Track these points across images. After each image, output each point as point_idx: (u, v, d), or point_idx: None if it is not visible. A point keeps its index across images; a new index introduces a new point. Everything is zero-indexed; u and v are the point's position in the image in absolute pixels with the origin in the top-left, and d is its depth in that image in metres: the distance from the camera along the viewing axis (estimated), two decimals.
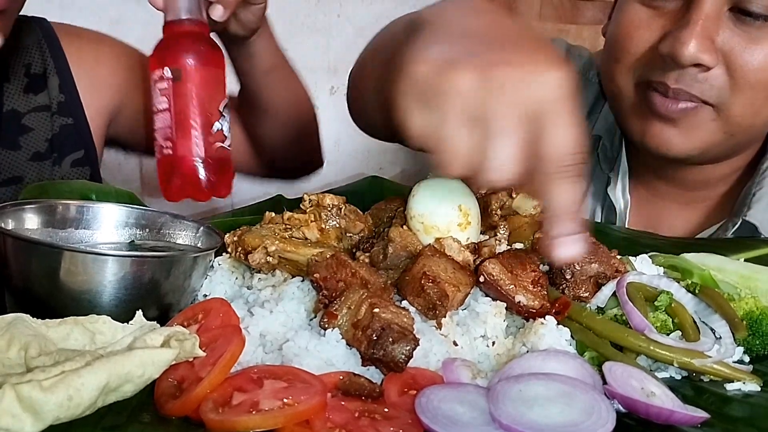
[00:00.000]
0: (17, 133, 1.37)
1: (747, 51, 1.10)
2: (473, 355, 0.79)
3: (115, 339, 0.75)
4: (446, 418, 0.66)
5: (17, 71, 1.39)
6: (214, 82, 1.05)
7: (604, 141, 1.35)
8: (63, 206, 0.94)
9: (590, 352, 0.79)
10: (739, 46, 1.10)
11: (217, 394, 0.68)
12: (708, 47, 1.09)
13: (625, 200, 1.34)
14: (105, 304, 0.81)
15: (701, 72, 1.10)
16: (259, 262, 0.87)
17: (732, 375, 0.77)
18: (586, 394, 0.69)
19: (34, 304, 0.83)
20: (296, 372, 0.71)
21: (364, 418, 0.67)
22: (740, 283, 0.91)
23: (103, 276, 0.81)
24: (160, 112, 1.01)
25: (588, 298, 0.86)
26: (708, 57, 1.09)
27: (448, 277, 0.82)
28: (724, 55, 1.10)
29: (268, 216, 0.95)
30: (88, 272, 0.80)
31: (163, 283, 0.84)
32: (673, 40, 1.10)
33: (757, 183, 1.23)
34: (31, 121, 1.39)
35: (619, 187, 1.34)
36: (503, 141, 0.67)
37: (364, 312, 0.76)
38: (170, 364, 0.71)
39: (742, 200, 1.24)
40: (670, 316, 0.83)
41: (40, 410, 0.62)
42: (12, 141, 1.37)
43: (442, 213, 0.89)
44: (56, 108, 1.42)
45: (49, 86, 1.42)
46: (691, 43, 1.08)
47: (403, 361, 0.73)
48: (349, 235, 0.95)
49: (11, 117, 1.37)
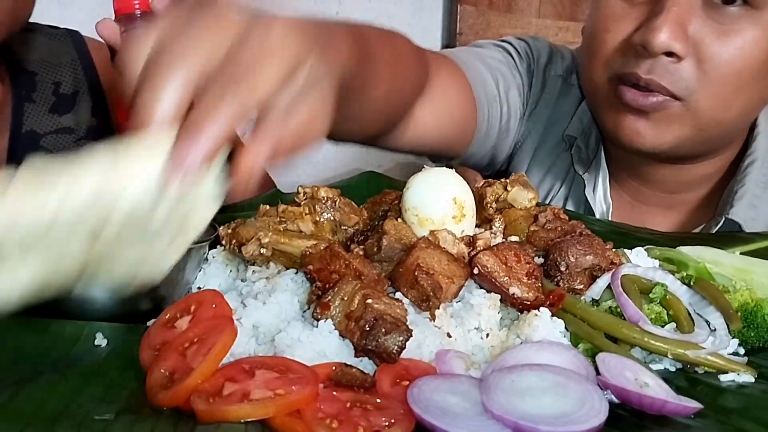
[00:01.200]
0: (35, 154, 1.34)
1: (718, 42, 1.10)
2: (467, 346, 0.79)
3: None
4: (438, 408, 0.66)
5: (45, 89, 1.34)
6: None
7: (578, 142, 1.35)
8: None
9: (584, 344, 0.79)
10: (711, 36, 1.10)
11: (208, 385, 0.67)
12: (680, 36, 1.09)
13: (606, 203, 1.33)
14: (99, 297, 0.81)
15: (672, 62, 1.10)
16: (252, 254, 0.87)
17: (726, 366, 0.77)
18: (578, 384, 0.68)
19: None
20: (288, 363, 0.70)
21: (355, 409, 0.67)
22: (736, 275, 0.91)
23: None
24: None
25: (583, 290, 0.85)
26: (679, 45, 1.09)
27: (442, 269, 0.82)
28: (695, 45, 1.10)
29: (263, 209, 0.95)
30: None
31: None
32: (645, 29, 1.10)
33: (740, 181, 1.23)
34: (50, 143, 1.34)
35: (600, 190, 1.34)
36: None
37: (357, 303, 0.76)
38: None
39: (725, 199, 1.24)
40: (665, 308, 0.83)
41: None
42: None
43: (437, 205, 0.89)
44: (84, 132, 1.36)
45: (79, 108, 1.37)
46: (663, 30, 1.08)
47: (395, 352, 0.72)
48: (344, 228, 0.94)
49: (29, 137, 1.32)
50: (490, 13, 2.76)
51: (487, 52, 1.40)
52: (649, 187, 1.32)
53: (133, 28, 0.97)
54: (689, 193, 1.31)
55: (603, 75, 1.19)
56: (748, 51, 1.10)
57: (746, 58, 1.10)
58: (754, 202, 1.21)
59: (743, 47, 1.10)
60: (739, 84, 1.12)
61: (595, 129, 1.35)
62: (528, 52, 1.42)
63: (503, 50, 1.41)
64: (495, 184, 0.98)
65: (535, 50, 1.42)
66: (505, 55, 1.40)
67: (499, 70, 1.37)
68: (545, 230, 0.93)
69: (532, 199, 0.97)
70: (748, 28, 1.10)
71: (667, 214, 1.33)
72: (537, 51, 1.42)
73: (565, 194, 1.39)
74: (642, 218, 1.32)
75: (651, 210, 1.33)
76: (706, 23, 1.10)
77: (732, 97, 1.13)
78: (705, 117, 1.14)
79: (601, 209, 1.33)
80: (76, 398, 0.68)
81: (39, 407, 0.67)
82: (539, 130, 1.40)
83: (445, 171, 0.93)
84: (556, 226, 0.94)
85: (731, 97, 1.13)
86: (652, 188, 1.32)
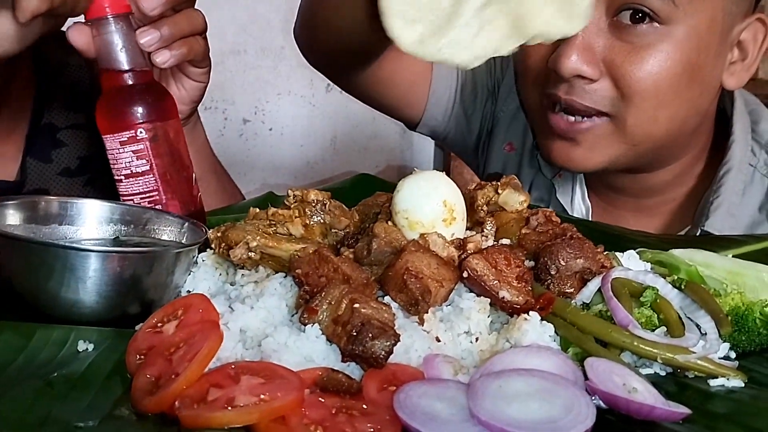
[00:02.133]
0: (51, 146, 1.35)
1: (629, 61, 1.12)
2: (456, 351, 0.79)
3: None
4: (425, 414, 0.65)
5: (64, 88, 1.37)
6: (181, 130, 1.02)
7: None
8: (46, 202, 0.94)
9: (574, 348, 0.79)
10: (621, 56, 1.12)
11: (193, 390, 0.67)
12: (588, 59, 1.12)
13: (586, 206, 1.36)
14: (86, 300, 0.81)
15: (587, 84, 1.13)
16: (240, 258, 0.86)
17: (715, 371, 0.77)
18: (566, 390, 0.68)
19: (15, 301, 0.82)
20: (274, 368, 0.70)
21: (341, 415, 0.66)
22: (728, 278, 0.90)
23: (84, 272, 0.80)
24: (138, 176, 0.96)
25: (573, 293, 0.85)
26: (588, 68, 1.12)
27: (432, 272, 0.81)
28: (607, 65, 1.13)
29: (253, 212, 0.94)
30: (68, 268, 0.80)
31: (145, 279, 0.84)
32: (556, 54, 1.13)
33: (715, 191, 1.24)
34: (66, 136, 1.37)
35: (578, 194, 1.36)
36: None
37: (344, 307, 0.75)
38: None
39: (700, 210, 1.25)
40: (656, 311, 0.82)
41: None
42: (45, 154, 1.35)
43: (427, 208, 0.89)
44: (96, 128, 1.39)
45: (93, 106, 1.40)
46: (569, 55, 1.11)
47: (382, 357, 0.72)
48: (334, 231, 0.94)
49: (48, 130, 1.35)
50: None
51: None
52: (617, 194, 1.35)
53: (107, 33, 0.94)
54: (656, 198, 1.33)
55: (533, 97, 1.23)
56: (662, 66, 1.12)
57: (661, 73, 1.12)
58: (732, 210, 1.22)
59: (656, 63, 1.12)
60: (660, 99, 1.14)
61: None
62: None
63: None
64: (486, 186, 0.98)
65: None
66: None
67: None
68: (536, 233, 0.93)
69: (524, 202, 0.97)
70: (658, 44, 1.12)
71: (640, 219, 1.34)
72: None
73: (541, 197, 1.41)
74: (617, 222, 1.33)
75: (624, 215, 1.35)
76: (616, 44, 1.12)
77: (655, 111, 1.15)
78: (633, 133, 1.16)
79: (580, 212, 1.36)
80: (61, 404, 0.68)
81: (24, 414, 0.66)
82: (509, 117, 1.44)
83: (435, 174, 0.92)
84: (547, 229, 0.93)
85: (655, 112, 1.15)
86: (620, 194, 1.35)
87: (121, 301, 0.82)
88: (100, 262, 0.80)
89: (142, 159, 0.96)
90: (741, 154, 1.25)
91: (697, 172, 1.31)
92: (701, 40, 1.13)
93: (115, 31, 0.95)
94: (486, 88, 1.45)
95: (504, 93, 1.45)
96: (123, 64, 0.96)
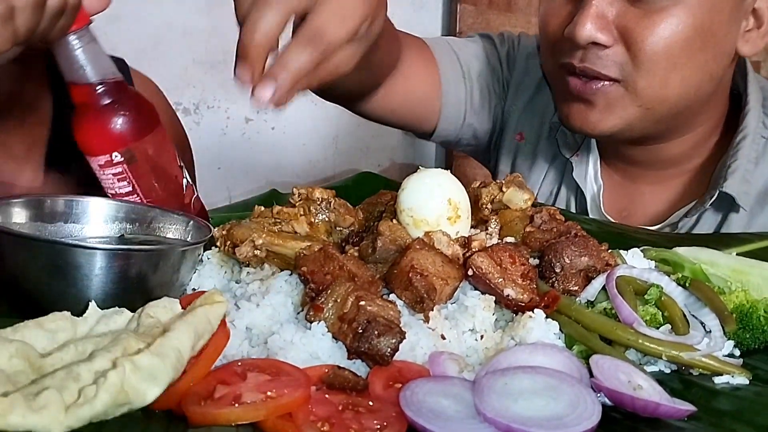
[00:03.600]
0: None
1: (642, 26, 1.15)
2: (461, 348, 0.79)
3: (77, 333, 0.74)
4: (431, 411, 0.66)
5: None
6: (164, 140, 0.97)
7: (563, 127, 1.39)
8: (51, 201, 0.94)
9: (579, 346, 0.79)
10: (634, 21, 1.15)
11: (200, 387, 0.67)
12: (602, 26, 1.15)
13: (597, 185, 1.39)
14: (93, 299, 0.81)
15: (600, 50, 1.16)
16: (246, 256, 0.87)
17: (720, 368, 0.77)
18: (571, 387, 0.68)
19: (23, 299, 0.83)
20: (280, 365, 0.70)
21: (348, 411, 0.66)
22: (732, 276, 0.90)
23: (90, 269, 0.80)
24: (123, 195, 0.95)
25: (577, 291, 0.85)
26: (603, 36, 1.15)
27: (437, 270, 0.82)
28: (620, 31, 1.16)
29: (258, 210, 0.94)
30: (74, 266, 0.80)
31: (151, 276, 0.84)
32: (571, 24, 1.17)
33: (732, 155, 1.26)
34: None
35: (591, 173, 1.39)
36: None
37: (350, 305, 0.76)
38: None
39: (717, 173, 1.28)
40: (660, 309, 0.82)
41: (158, 375, 0.65)
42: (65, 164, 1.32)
43: (432, 206, 0.89)
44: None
45: None
46: (585, 24, 1.14)
47: (388, 354, 0.72)
48: (339, 229, 0.94)
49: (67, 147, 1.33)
50: (489, 13, 2.75)
51: (459, 39, 1.51)
52: (635, 167, 1.37)
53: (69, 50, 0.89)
54: (673, 169, 1.35)
55: (552, 65, 1.27)
56: (674, 30, 1.15)
57: (673, 37, 1.15)
58: (747, 176, 1.25)
59: (668, 27, 1.15)
60: (671, 62, 1.16)
61: None
62: (513, 40, 1.50)
63: (481, 37, 1.50)
64: (490, 184, 0.98)
65: (523, 40, 1.50)
66: (480, 40, 1.49)
67: (469, 51, 1.46)
68: (541, 231, 0.93)
69: (528, 200, 0.97)
70: (671, 8, 1.14)
71: (656, 191, 1.37)
72: (523, 41, 1.50)
73: (555, 179, 1.44)
74: (632, 196, 1.37)
75: (640, 188, 1.38)
76: (629, 10, 1.15)
77: (667, 74, 1.17)
78: (645, 96, 1.19)
79: (592, 191, 1.39)
80: None
81: None
82: (519, 109, 1.48)
83: (440, 172, 0.93)
84: (551, 227, 0.93)
85: (666, 75, 1.17)
86: (637, 167, 1.37)
87: (127, 298, 0.82)
88: (106, 260, 0.80)
89: (123, 181, 0.94)
90: (755, 124, 1.28)
91: (712, 143, 1.34)
92: (714, 5, 1.16)
93: (78, 46, 0.89)
94: (494, 91, 1.48)
95: (513, 90, 1.48)
96: (90, 78, 0.90)
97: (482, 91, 1.46)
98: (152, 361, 0.65)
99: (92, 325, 0.76)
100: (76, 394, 0.62)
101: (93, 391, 0.62)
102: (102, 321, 0.77)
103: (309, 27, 0.80)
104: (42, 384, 0.63)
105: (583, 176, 1.39)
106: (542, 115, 1.46)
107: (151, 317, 0.75)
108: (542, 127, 1.46)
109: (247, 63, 0.80)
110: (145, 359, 0.65)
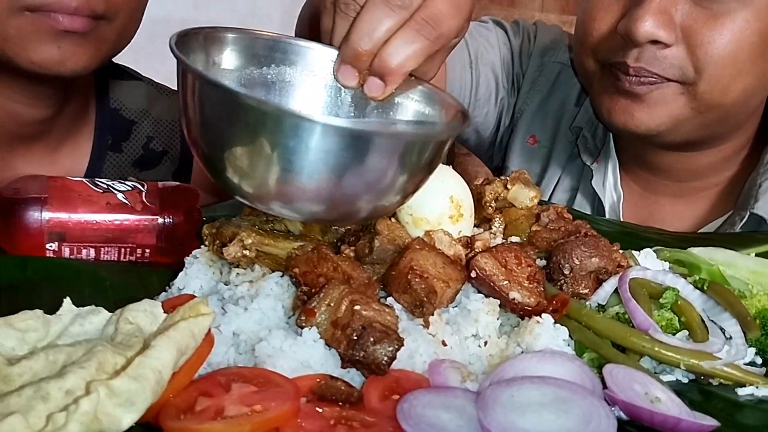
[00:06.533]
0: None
1: (708, 27, 1.09)
2: (463, 356, 0.76)
3: (49, 333, 0.70)
4: (430, 426, 0.63)
5: (137, 141, 1.34)
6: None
7: (585, 132, 1.36)
8: (263, 40, 0.85)
9: (590, 354, 0.76)
10: (700, 22, 1.09)
11: (180, 399, 0.64)
12: (665, 23, 1.08)
13: (617, 193, 1.33)
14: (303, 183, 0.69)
15: (660, 49, 1.10)
16: (235, 256, 0.83)
17: (743, 378, 0.74)
18: (584, 399, 0.65)
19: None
20: (268, 375, 0.67)
21: (340, 426, 0.63)
22: (751, 279, 0.88)
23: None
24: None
25: (588, 294, 0.83)
26: (664, 33, 1.08)
27: (437, 272, 0.79)
28: (684, 31, 1.10)
29: (248, 207, 0.90)
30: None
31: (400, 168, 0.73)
32: (628, 18, 1.10)
33: (762, 173, 1.21)
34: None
35: (610, 180, 1.34)
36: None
37: (344, 309, 0.73)
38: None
39: (747, 192, 1.23)
40: (677, 314, 0.80)
41: (135, 401, 0.61)
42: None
43: (433, 204, 0.87)
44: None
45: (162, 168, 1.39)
46: (646, 19, 1.08)
47: (385, 363, 0.69)
48: (334, 228, 0.90)
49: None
50: (492, 7, 2.73)
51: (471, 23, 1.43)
52: (658, 177, 1.32)
53: None
54: (698, 182, 1.30)
55: (593, 63, 1.20)
56: (741, 34, 1.10)
57: (740, 41, 1.10)
58: None
59: (735, 30, 1.09)
60: (737, 68, 1.11)
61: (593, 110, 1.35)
62: (529, 31, 1.44)
63: (495, 23, 1.45)
64: (495, 181, 0.95)
65: (539, 32, 1.44)
66: (494, 27, 1.44)
67: (479, 40, 1.40)
68: (548, 230, 0.91)
69: (534, 198, 0.94)
70: (738, 10, 1.09)
71: (678, 204, 1.32)
72: (540, 33, 1.44)
73: (571, 185, 1.39)
74: (652, 208, 1.32)
75: (661, 200, 1.33)
76: (694, 9, 1.09)
77: (731, 81, 1.12)
78: (704, 100, 1.13)
79: (611, 200, 1.33)
80: None
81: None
82: (532, 110, 1.43)
83: (442, 168, 0.89)
84: (559, 226, 0.91)
85: (730, 81, 1.12)
86: (661, 177, 1.32)
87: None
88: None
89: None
90: None
91: (741, 157, 1.29)
92: None
93: None
94: (502, 85, 1.43)
95: (526, 89, 1.43)
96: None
97: (489, 82, 1.41)
98: (129, 386, 0.61)
99: (66, 325, 0.71)
100: (43, 420, 0.58)
101: (63, 419, 0.58)
102: (77, 321, 0.72)
103: (424, 13, 0.77)
104: (7, 403, 0.59)
105: (602, 184, 1.34)
106: (556, 117, 1.41)
107: (131, 323, 0.70)
108: (557, 130, 1.41)
109: (356, 68, 0.78)
110: (121, 383, 0.61)
